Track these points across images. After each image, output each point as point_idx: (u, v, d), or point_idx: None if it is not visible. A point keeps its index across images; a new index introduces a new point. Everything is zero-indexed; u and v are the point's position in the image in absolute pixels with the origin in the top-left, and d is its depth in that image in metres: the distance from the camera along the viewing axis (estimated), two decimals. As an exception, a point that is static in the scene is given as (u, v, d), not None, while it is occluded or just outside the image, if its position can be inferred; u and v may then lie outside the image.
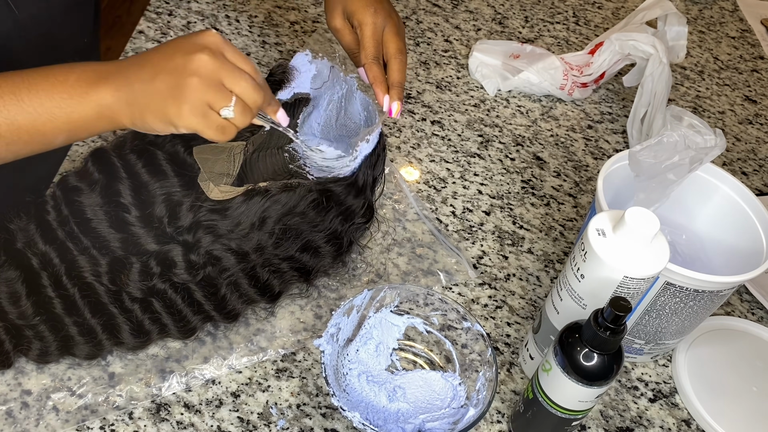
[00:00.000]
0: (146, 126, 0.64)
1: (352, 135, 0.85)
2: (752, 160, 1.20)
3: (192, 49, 0.63)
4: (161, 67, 0.63)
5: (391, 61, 0.84)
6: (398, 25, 0.86)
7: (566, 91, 1.18)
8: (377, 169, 0.82)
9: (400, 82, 0.84)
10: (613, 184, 0.85)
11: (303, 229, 0.76)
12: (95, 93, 0.62)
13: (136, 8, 2.66)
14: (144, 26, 1.13)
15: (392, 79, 0.84)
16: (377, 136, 0.80)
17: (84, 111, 0.63)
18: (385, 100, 0.83)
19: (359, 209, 0.81)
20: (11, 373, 0.73)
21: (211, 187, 0.72)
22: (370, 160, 0.80)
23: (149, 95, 0.62)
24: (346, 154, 0.81)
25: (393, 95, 0.83)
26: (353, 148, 0.79)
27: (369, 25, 0.84)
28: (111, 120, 0.64)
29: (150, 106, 0.63)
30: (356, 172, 0.79)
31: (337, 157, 0.81)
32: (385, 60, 0.85)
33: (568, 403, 0.70)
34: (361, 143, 0.79)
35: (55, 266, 0.70)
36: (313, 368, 0.79)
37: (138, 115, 0.63)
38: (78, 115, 0.63)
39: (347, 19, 0.86)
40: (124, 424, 0.71)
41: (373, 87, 0.83)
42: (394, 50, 0.84)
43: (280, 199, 0.74)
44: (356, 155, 0.78)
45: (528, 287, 0.92)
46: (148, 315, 0.73)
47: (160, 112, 0.63)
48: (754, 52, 1.45)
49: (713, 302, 0.80)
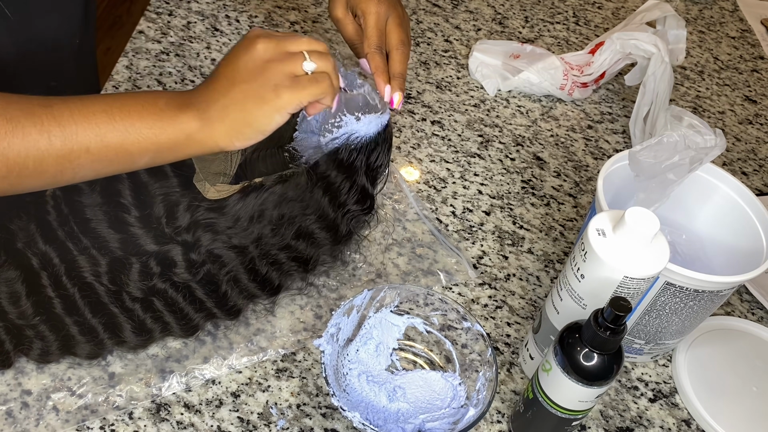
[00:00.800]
0: (249, 134, 0.65)
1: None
2: (752, 160, 1.20)
3: (247, 45, 0.66)
4: (233, 75, 0.65)
5: (393, 52, 0.84)
6: (402, 16, 0.86)
7: (566, 91, 1.18)
8: (373, 157, 0.80)
9: (401, 73, 0.84)
10: (613, 184, 0.85)
11: (295, 213, 0.76)
12: (184, 116, 0.64)
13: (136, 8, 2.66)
14: (144, 26, 1.13)
15: (394, 70, 0.84)
16: (374, 122, 0.77)
17: (173, 134, 0.64)
18: (387, 90, 0.82)
19: (347, 191, 0.79)
20: (11, 373, 0.73)
21: (208, 186, 0.72)
22: (366, 146, 0.78)
23: (239, 103, 0.64)
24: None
25: (394, 86, 0.83)
26: (335, 117, 0.76)
27: (372, 14, 0.84)
28: (202, 144, 0.65)
29: (246, 111, 0.64)
30: (340, 147, 0.77)
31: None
32: (388, 51, 0.85)
33: (568, 403, 0.70)
34: (346, 116, 0.76)
35: (55, 266, 0.70)
36: (313, 368, 0.79)
37: (237, 127, 0.65)
38: (166, 138, 0.64)
39: (350, 9, 0.86)
40: (124, 424, 0.71)
41: (374, 77, 0.83)
42: (397, 41, 0.84)
43: (276, 191, 0.74)
44: (339, 123, 0.76)
45: (528, 287, 0.92)
46: (150, 314, 0.73)
47: (260, 109, 0.64)
48: (754, 52, 1.45)
49: (713, 302, 0.80)
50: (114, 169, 0.65)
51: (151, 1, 1.18)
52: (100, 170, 0.65)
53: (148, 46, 1.10)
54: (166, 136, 0.64)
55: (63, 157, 0.61)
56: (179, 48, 1.11)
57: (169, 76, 1.06)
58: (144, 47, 1.10)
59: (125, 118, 0.62)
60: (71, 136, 0.61)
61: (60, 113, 0.61)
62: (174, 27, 1.14)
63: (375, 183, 0.82)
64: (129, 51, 1.08)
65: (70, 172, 0.63)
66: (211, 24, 1.17)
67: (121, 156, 0.64)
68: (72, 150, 0.61)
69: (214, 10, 1.19)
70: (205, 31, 1.15)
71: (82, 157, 0.62)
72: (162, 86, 1.04)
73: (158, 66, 1.07)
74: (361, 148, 0.78)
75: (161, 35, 1.12)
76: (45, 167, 0.61)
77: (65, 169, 0.62)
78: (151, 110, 0.63)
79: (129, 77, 1.04)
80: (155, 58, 1.08)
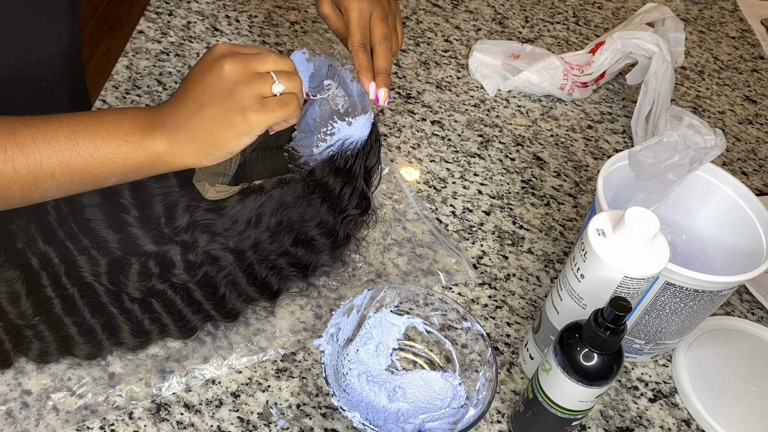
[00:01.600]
0: (217, 155, 0.65)
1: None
2: (752, 160, 1.20)
3: (213, 66, 0.65)
4: (200, 98, 0.64)
5: (376, 48, 0.83)
6: (386, 9, 0.84)
7: (566, 91, 1.18)
8: (369, 160, 0.81)
9: (385, 68, 0.82)
10: (613, 184, 0.85)
11: (294, 220, 0.76)
12: (150, 140, 0.64)
13: (136, 8, 2.66)
14: (144, 26, 1.13)
15: (377, 66, 0.82)
16: (366, 124, 0.78)
17: (139, 157, 0.64)
18: (371, 87, 0.82)
19: (347, 197, 0.79)
20: (11, 373, 0.73)
21: (207, 187, 0.72)
22: (361, 150, 0.79)
23: (207, 126, 0.64)
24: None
25: (379, 82, 0.82)
26: (326, 126, 0.77)
27: (354, 11, 0.83)
28: (170, 164, 0.65)
29: (214, 134, 0.64)
30: (335, 155, 0.77)
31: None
32: (372, 46, 0.83)
33: (568, 403, 0.70)
34: (338, 123, 0.76)
35: (55, 266, 0.70)
36: (313, 368, 0.79)
37: (205, 149, 0.64)
38: (133, 161, 0.64)
39: (335, 5, 0.86)
40: (124, 424, 0.71)
41: (359, 75, 0.82)
42: (380, 36, 0.83)
43: (274, 194, 0.74)
44: (331, 131, 0.77)
45: (528, 287, 0.92)
46: (148, 315, 0.73)
47: (228, 132, 0.64)
48: (754, 52, 1.45)
49: (713, 302, 0.80)
50: (82, 189, 0.66)
51: (151, 1, 1.18)
52: (67, 192, 0.65)
53: (148, 46, 1.10)
54: (132, 160, 0.64)
55: (29, 183, 0.62)
56: (179, 48, 1.11)
57: (169, 76, 1.06)
58: (144, 47, 1.10)
59: (89, 144, 0.62)
60: (35, 163, 0.61)
61: (23, 140, 0.61)
62: (174, 27, 1.14)
63: (370, 183, 0.83)
64: (129, 51, 1.08)
65: (38, 194, 0.64)
66: (211, 24, 1.17)
67: (88, 179, 0.64)
68: (37, 177, 0.62)
69: (214, 10, 1.19)
70: (205, 31, 1.15)
71: (47, 182, 0.62)
72: (162, 86, 1.04)
73: (158, 66, 1.07)
74: (357, 153, 0.78)
75: (161, 35, 1.12)
76: (11, 193, 0.62)
77: (32, 192, 0.63)
78: (116, 134, 0.63)
79: (129, 77, 1.04)
80: (155, 58, 1.08)
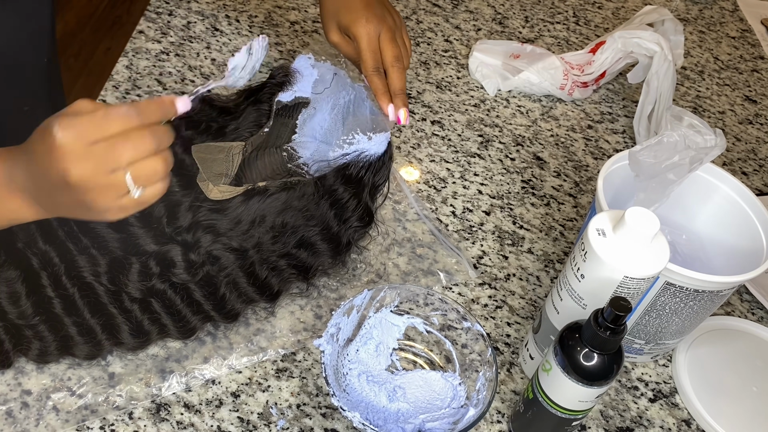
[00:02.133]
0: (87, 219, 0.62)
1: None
2: (752, 160, 1.20)
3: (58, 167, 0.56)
4: (52, 195, 0.59)
5: (389, 70, 0.85)
6: (392, 28, 0.86)
7: (566, 91, 1.18)
8: (378, 176, 0.82)
9: (401, 89, 0.84)
10: (613, 184, 0.85)
11: (298, 223, 0.76)
12: (13, 203, 0.60)
13: (136, 8, 2.66)
14: (144, 26, 1.13)
15: (393, 88, 0.84)
16: (383, 142, 0.80)
17: (4, 214, 0.61)
18: (390, 109, 0.83)
19: (353, 207, 0.80)
20: (11, 373, 0.73)
21: (210, 187, 0.72)
22: (374, 164, 0.80)
23: (66, 210, 0.60)
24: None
25: (398, 103, 0.84)
26: (348, 134, 0.79)
27: (363, 36, 0.84)
28: (27, 220, 0.62)
29: (77, 216, 0.61)
30: (349, 164, 0.79)
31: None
32: (385, 68, 0.85)
33: (568, 403, 0.70)
34: (359, 135, 0.79)
35: (55, 266, 0.70)
36: (313, 368, 0.79)
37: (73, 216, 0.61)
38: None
39: (343, 32, 0.87)
40: (124, 424, 0.71)
41: (376, 99, 0.84)
42: (391, 58, 0.85)
43: (279, 197, 0.74)
44: (351, 140, 0.78)
45: (528, 287, 0.92)
46: (148, 315, 0.73)
47: (87, 217, 0.61)
48: (754, 52, 1.45)
49: (713, 302, 0.80)
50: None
51: (151, 1, 1.18)
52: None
53: (148, 46, 1.10)
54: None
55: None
56: (179, 48, 1.11)
57: (169, 76, 1.06)
58: (144, 47, 1.10)
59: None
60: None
61: None
62: (174, 27, 1.14)
63: (375, 198, 0.84)
64: (129, 51, 1.08)
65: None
66: (211, 24, 1.17)
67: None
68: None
69: (214, 10, 1.19)
70: (205, 31, 1.15)
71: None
72: (162, 86, 1.04)
73: (158, 66, 1.07)
74: (369, 166, 0.80)
75: (161, 35, 1.12)
76: None
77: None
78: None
79: (129, 77, 1.04)
80: (155, 58, 1.08)
